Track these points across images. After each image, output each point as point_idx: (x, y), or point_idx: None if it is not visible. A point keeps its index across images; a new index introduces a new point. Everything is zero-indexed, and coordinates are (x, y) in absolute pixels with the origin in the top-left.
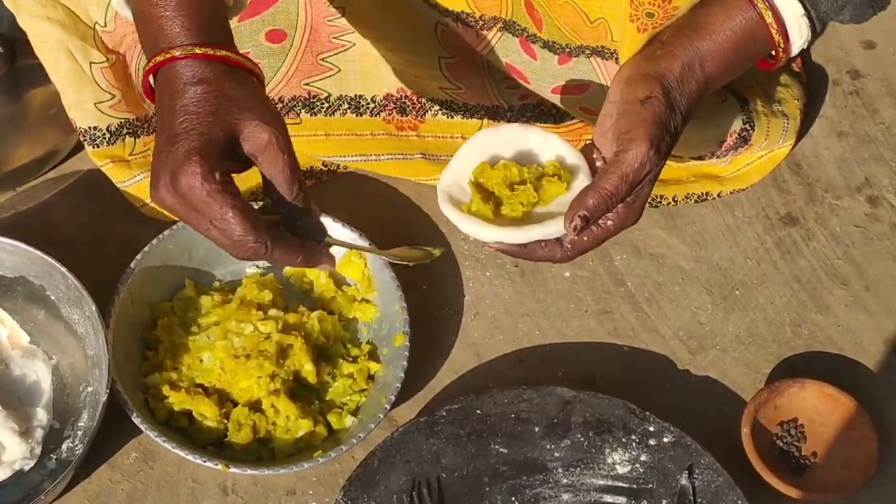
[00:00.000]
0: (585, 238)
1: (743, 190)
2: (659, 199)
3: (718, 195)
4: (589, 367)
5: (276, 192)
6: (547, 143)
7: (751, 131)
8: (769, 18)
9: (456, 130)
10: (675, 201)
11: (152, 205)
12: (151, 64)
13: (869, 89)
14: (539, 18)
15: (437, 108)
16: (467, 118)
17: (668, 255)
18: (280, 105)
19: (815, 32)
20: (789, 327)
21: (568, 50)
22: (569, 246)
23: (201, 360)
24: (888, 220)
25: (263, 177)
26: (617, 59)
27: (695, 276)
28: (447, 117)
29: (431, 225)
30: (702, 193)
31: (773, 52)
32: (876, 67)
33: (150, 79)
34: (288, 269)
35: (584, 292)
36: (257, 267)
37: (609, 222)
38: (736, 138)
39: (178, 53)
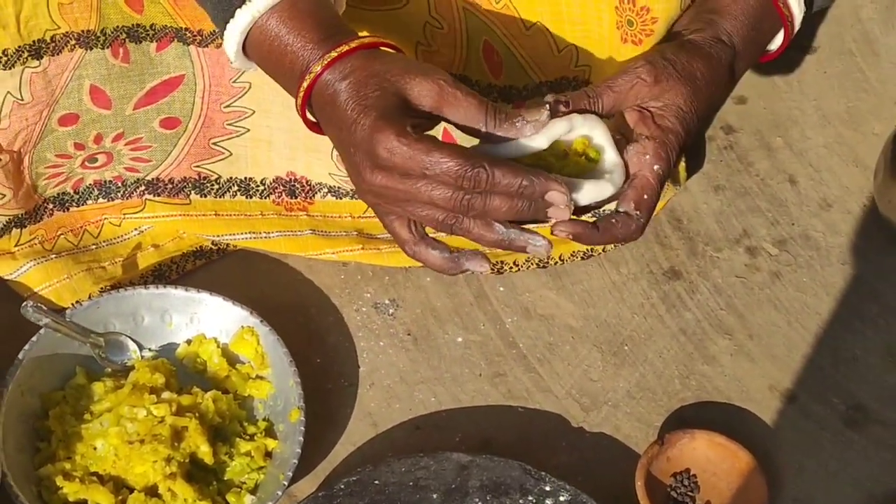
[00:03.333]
0: (646, 195)
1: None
2: (546, 260)
3: (604, 250)
4: (485, 430)
5: (481, 131)
6: (572, 124)
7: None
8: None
9: (344, 210)
10: (562, 259)
11: (41, 293)
12: (301, 94)
13: (742, 143)
14: (498, 62)
15: (325, 190)
16: (356, 199)
17: (557, 314)
18: (170, 186)
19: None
20: (678, 379)
21: (525, 93)
22: (637, 212)
23: (95, 448)
24: (767, 269)
25: (463, 128)
26: (575, 86)
27: (584, 334)
28: (336, 198)
29: (324, 297)
30: (587, 250)
31: (784, 30)
32: (748, 121)
33: (308, 114)
34: (180, 351)
35: (477, 356)
36: (151, 350)
37: (656, 166)
38: None
39: (317, 69)
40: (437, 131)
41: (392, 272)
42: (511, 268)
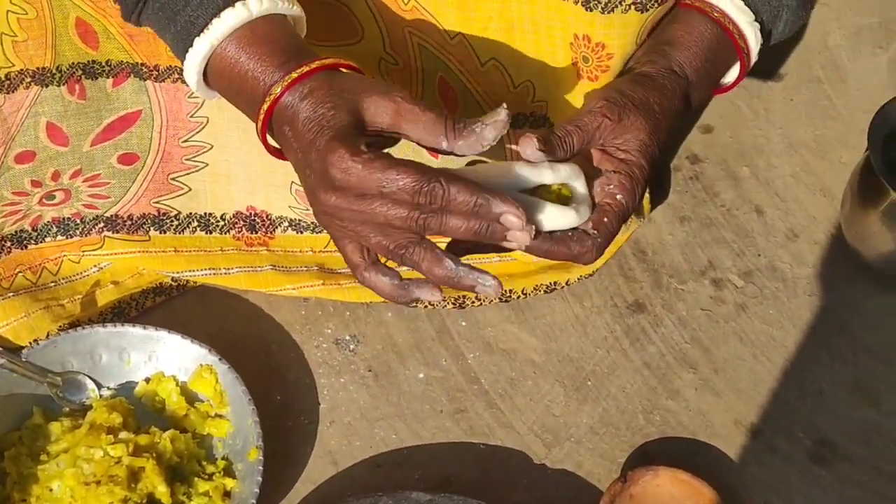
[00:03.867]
0: (606, 219)
1: (589, 276)
2: (508, 294)
3: (567, 283)
4: (446, 467)
5: (442, 146)
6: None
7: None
8: (729, 25)
9: (305, 245)
10: (525, 294)
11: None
12: (262, 116)
13: (708, 173)
14: (454, 97)
15: (286, 224)
16: (317, 233)
17: (519, 349)
18: (129, 223)
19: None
20: (641, 414)
21: None
22: (594, 232)
23: (51, 490)
24: (733, 302)
25: (424, 145)
26: (533, 122)
27: (547, 368)
28: (297, 232)
29: (285, 333)
30: (550, 283)
31: (739, 62)
32: (713, 151)
33: (269, 138)
34: (138, 389)
35: (438, 392)
36: (109, 389)
37: (619, 196)
38: None
39: (277, 90)
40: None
41: (353, 307)
42: (473, 302)
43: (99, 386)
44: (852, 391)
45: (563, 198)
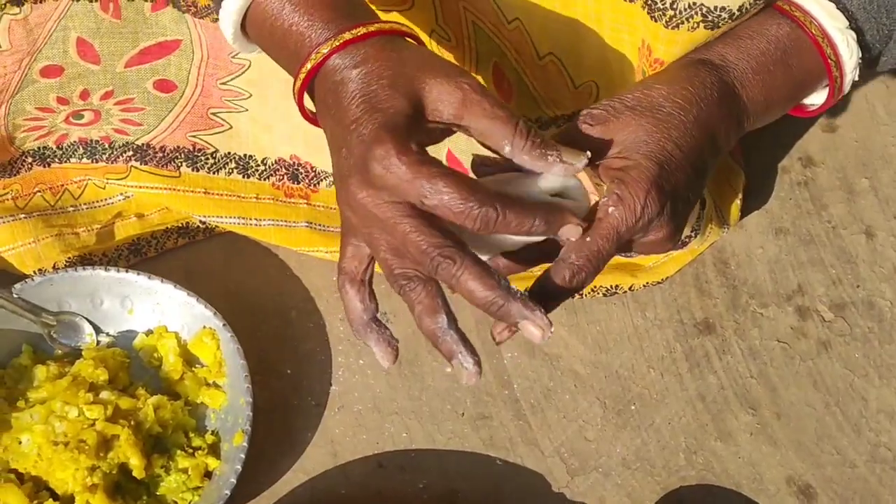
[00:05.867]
0: (589, 238)
1: (658, 283)
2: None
3: (630, 289)
4: (455, 479)
5: (504, 150)
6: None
7: (693, 237)
8: (811, 28)
9: None
10: (581, 294)
11: (2, 255)
12: (302, 77)
13: (820, 180)
14: (509, 89)
15: (331, 179)
16: None
17: (563, 356)
18: (160, 155)
19: (866, 59)
20: (683, 453)
21: (537, 125)
22: (572, 256)
23: (20, 442)
24: (815, 338)
25: (484, 143)
26: None
27: (589, 383)
28: None
29: (309, 300)
30: (611, 286)
31: (827, 75)
32: (832, 155)
33: (307, 101)
34: (137, 341)
35: (463, 392)
36: (108, 335)
37: (611, 209)
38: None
39: (325, 50)
40: (441, 152)
41: None
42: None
43: (98, 331)
44: None
45: None
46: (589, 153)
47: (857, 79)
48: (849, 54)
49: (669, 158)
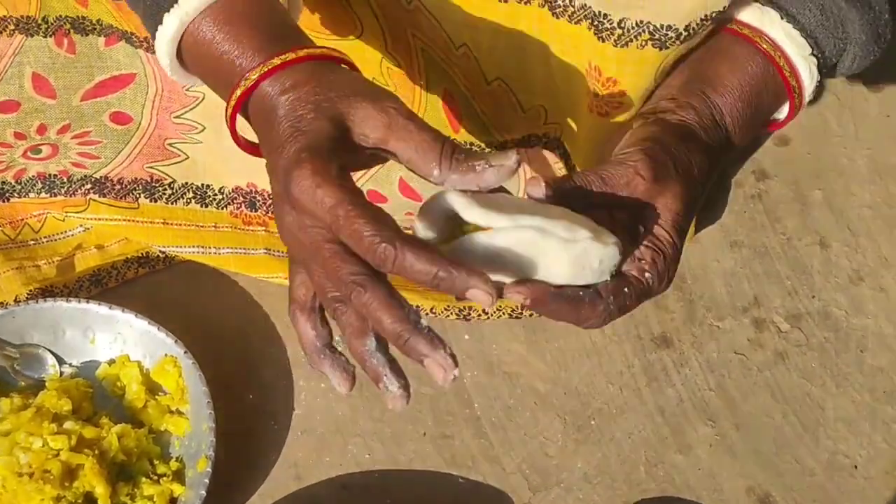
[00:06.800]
0: (626, 289)
1: None
2: (520, 310)
3: None
4: (418, 499)
5: (433, 174)
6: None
7: None
8: (781, 61)
9: None
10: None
11: None
12: (232, 104)
13: (774, 193)
14: (458, 114)
15: None
16: None
17: (523, 374)
18: (118, 187)
19: (824, 73)
20: (644, 467)
21: (487, 151)
22: (611, 297)
23: None
24: (772, 349)
25: (413, 168)
26: (546, 143)
27: (549, 400)
28: None
29: (270, 325)
30: None
31: (789, 101)
32: (785, 168)
33: (242, 126)
34: (100, 371)
35: (425, 412)
36: (71, 366)
37: (648, 274)
38: None
39: (254, 76)
40: (392, 182)
41: None
42: (480, 315)
43: (61, 362)
44: (889, 473)
45: None
46: (517, 153)
47: (812, 97)
48: (809, 80)
49: (686, 230)
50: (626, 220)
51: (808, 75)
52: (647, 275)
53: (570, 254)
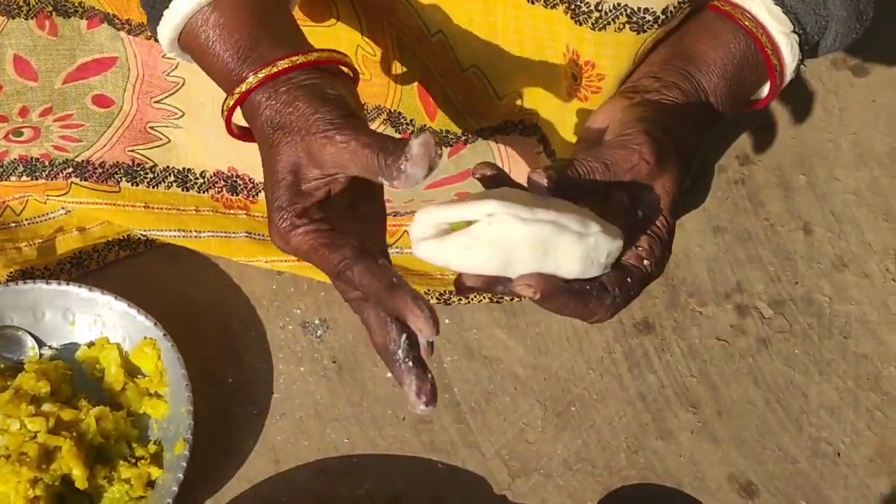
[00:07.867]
0: (629, 279)
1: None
2: (500, 295)
3: None
4: (397, 484)
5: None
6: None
7: None
8: (763, 38)
9: None
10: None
11: None
12: (226, 110)
13: (757, 178)
14: (434, 103)
15: None
16: None
17: (503, 359)
18: (99, 170)
19: (806, 51)
20: (624, 453)
21: (464, 137)
22: (617, 291)
23: None
24: (755, 335)
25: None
26: (522, 129)
27: (529, 385)
28: None
29: (250, 309)
30: None
31: (770, 80)
32: (769, 153)
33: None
34: (80, 353)
35: (403, 397)
36: (51, 348)
37: (646, 262)
38: None
39: (244, 88)
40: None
41: (328, 288)
42: (461, 299)
43: (40, 344)
44: (873, 460)
45: None
46: (428, 130)
47: (793, 77)
48: (791, 59)
49: (678, 212)
50: (626, 201)
51: (789, 52)
52: (645, 262)
53: (582, 248)
